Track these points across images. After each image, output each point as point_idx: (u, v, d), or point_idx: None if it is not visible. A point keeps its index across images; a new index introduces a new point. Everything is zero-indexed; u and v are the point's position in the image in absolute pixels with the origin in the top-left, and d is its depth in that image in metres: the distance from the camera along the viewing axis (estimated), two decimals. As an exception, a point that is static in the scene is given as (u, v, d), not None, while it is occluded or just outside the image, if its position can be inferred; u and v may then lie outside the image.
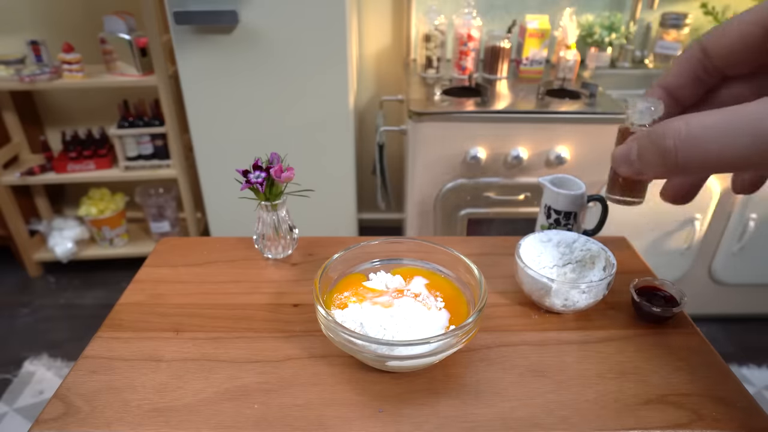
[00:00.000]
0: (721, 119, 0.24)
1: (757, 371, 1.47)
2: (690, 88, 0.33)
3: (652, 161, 0.28)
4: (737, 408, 0.42)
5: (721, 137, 0.24)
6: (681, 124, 0.26)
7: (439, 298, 0.48)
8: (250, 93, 1.35)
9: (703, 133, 0.25)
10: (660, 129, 0.27)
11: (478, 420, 0.41)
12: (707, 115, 0.25)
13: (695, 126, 0.25)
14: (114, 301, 0.54)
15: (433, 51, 1.52)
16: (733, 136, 0.24)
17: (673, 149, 0.26)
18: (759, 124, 0.23)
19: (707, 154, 0.25)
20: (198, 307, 0.53)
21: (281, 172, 0.55)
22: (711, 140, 0.25)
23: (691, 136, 0.25)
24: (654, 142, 0.27)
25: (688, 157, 0.26)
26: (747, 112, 0.24)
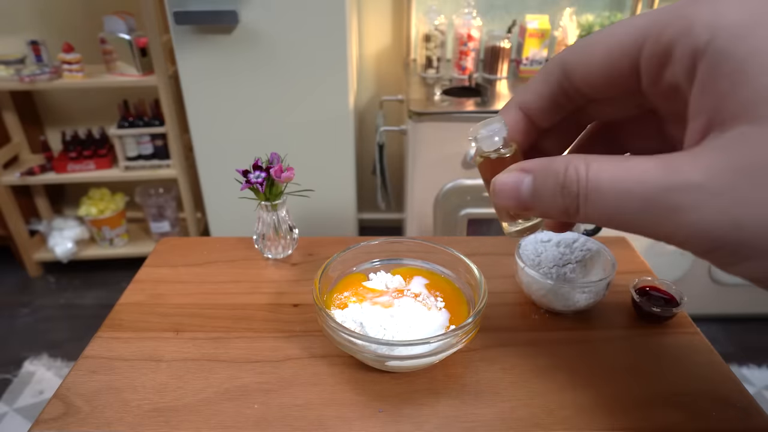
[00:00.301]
0: (616, 175, 0.21)
1: (757, 371, 1.47)
2: (549, 113, 0.29)
3: (550, 206, 0.24)
4: (737, 408, 0.42)
5: (615, 198, 0.21)
6: (581, 170, 0.22)
7: (439, 298, 0.48)
8: (250, 93, 1.35)
9: (605, 189, 0.22)
10: (559, 169, 0.23)
11: (478, 420, 0.41)
12: (606, 169, 0.22)
13: (597, 178, 0.22)
14: (114, 301, 0.54)
15: (433, 51, 1.52)
16: (624, 199, 0.21)
17: (576, 199, 0.23)
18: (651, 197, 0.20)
19: (606, 213, 0.22)
20: (198, 307, 0.53)
21: (281, 172, 0.55)
22: (608, 199, 0.22)
23: (595, 190, 0.22)
24: (555, 186, 0.23)
25: (589, 211, 0.22)
26: (639, 174, 0.21)
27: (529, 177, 0.25)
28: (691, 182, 0.19)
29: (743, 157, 0.19)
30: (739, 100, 0.19)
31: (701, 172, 0.19)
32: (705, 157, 0.19)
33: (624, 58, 0.23)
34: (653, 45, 0.22)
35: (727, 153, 0.19)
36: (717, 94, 0.20)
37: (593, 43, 0.25)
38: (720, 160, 0.19)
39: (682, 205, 0.19)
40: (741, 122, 0.19)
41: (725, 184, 0.19)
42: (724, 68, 0.19)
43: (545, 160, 0.25)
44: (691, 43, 0.20)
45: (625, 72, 0.24)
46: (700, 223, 0.19)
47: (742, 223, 0.19)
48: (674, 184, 0.20)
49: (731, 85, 0.19)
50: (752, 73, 0.19)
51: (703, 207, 0.19)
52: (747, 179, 0.18)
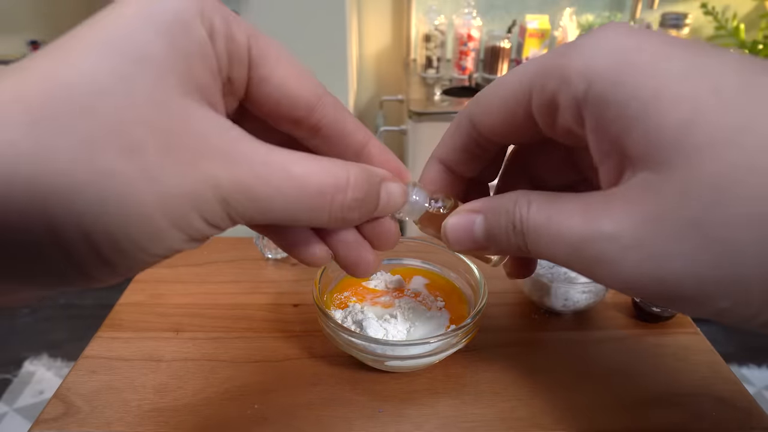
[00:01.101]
0: (548, 223, 0.21)
1: (757, 371, 1.47)
2: (467, 163, 0.28)
3: (506, 242, 0.24)
4: (737, 408, 0.42)
5: (549, 241, 0.21)
6: (523, 210, 0.22)
7: (439, 298, 0.48)
8: (250, 93, 1.35)
9: (537, 231, 0.22)
10: (507, 207, 0.23)
11: (478, 420, 0.41)
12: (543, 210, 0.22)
13: (531, 219, 0.22)
14: (114, 301, 0.54)
15: (433, 51, 1.52)
16: (556, 244, 0.21)
17: (523, 241, 0.23)
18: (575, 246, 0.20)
19: (546, 253, 0.22)
20: (198, 307, 0.53)
21: (281, 172, 0.55)
22: (543, 241, 0.22)
23: (530, 230, 0.22)
24: (509, 226, 0.23)
25: (534, 251, 0.22)
26: (563, 220, 0.21)
27: (480, 217, 0.25)
28: (605, 233, 0.19)
29: (646, 208, 0.18)
30: (636, 144, 0.18)
31: (613, 223, 0.19)
32: (615, 206, 0.19)
33: (518, 108, 0.23)
34: (539, 95, 0.22)
35: (633, 203, 0.18)
36: (611, 138, 0.19)
37: (492, 93, 0.25)
38: (627, 210, 0.19)
39: (602, 256, 0.19)
40: (643, 167, 0.18)
41: (634, 237, 0.18)
42: (608, 115, 0.19)
43: (492, 199, 0.25)
44: (571, 92, 0.20)
45: (522, 121, 0.24)
46: (623, 276, 0.19)
47: (660, 277, 0.18)
48: (590, 234, 0.19)
49: (621, 130, 0.19)
50: (635, 119, 0.18)
51: (621, 260, 0.19)
52: (652, 232, 0.18)
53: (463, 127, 0.27)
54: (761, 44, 1.53)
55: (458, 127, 0.28)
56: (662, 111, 0.17)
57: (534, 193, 0.23)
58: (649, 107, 0.18)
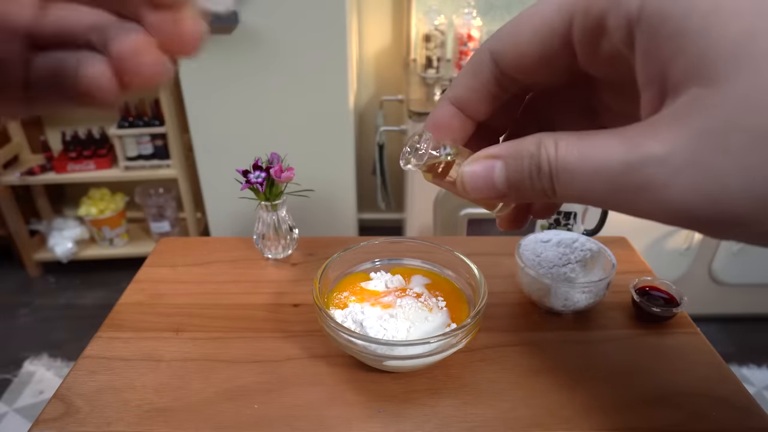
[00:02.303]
0: (583, 153, 0.20)
1: (757, 371, 1.47)
2: (483, 105, 0.27)
3: (530, 187, 0.22)
4: (737, 408, 0.42)
5: (586, 179, 0.20)
6: (551, 149, 0.21)
7: (440, 298, 0.48)
8: (250, 93, 1.35)
9: (573, 169, 0.20)
10: (530, 150, 0.22)
11: (478, 420, 0.41)
12: (573, 147, 0.20)
13: (566, 156, 0.21)
14: (114, 301, 0.54)
15: (433, 51, 1.52)
16: (595, 180, 0.20)
17: (549, 180, 0.21)
18: (617, 177, 0.19)
19: (577, 192, 0.21)
20: (198, 307, 0.53)
21: (281, 172, 0.55)
22: (578, 179, 0.20)
23: (564, 169, 0.21)
24: (533, 169, 0.22)
25: (564, 192, 0.21)
26: (602, 153, 0.19)
27: (500, 162, 0.23)
28: (653, 156, 0.18)
29: (701, 124, 0.17)
30: (686, 63, 0.18)
31: (661, 144, 0.18)
32: (663, 127, 0.18)
33: (554, 37, 0.22)
34: (583, 20, 0.21)
35: (685, 120, 0.18)
36: (662, 59, 0.18)
37: (519, 25, 0.23)
38: (678, 129, 0.18)
39: (649, 182, 0.18)
40: (692, 85, 0.17)
41: (689, 156, 0.17)
42: (662, 32, 0.18)
43: (512, 143, 0.23)
44: (623, 12, 0.19)
45: (557, 51, 0.22)
46: (672, 200, 0.18)
47: (716, 196, 0.17)
48: (637, 160, 0.18)
49: (674, 48, 0.18)
50: (693, 32, 0.17)
51: (672, 183, 0.18)
52: (710, 147, 0.17)
53: (482, 65, 0.25)
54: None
55: (477, 65, 0.26)
56: (723, 23, 0.17)
57: (558, 133, 0.21)
58: (709, 19, 0.17)
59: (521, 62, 0.24)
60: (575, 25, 0.21)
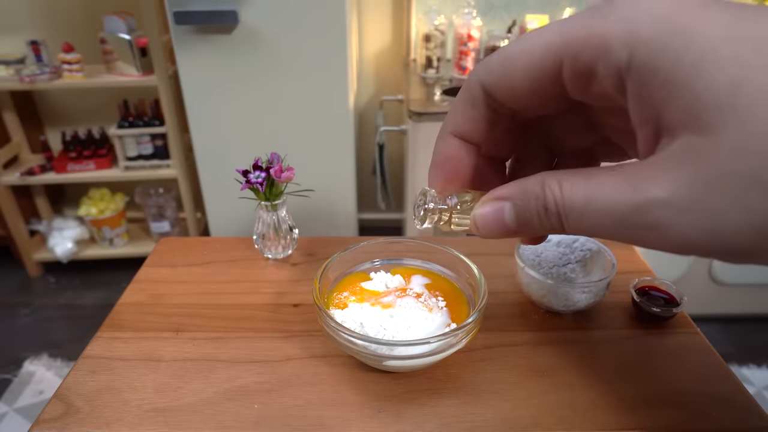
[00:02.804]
0: (588, 195, 0.21)
1: (757, 371, 1.47)
2: (484, 131, 0.28)
3: (539, 226, 0.24)
4: (737, 408, 0.42)
5: (591, 217, 0.21)
6: (556, 191, 0.22)
7: (440, 298, 0.48)
8: (250, 93, 1.35)
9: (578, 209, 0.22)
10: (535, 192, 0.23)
11: (478, 420, 0.41)
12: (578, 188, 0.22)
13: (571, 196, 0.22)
14: (114, 301, 0.54)
15: (433, 51, 1.52)
16: (600, 218, 0.21)
17: (557, 218, 0.23)
18: (624, 218, 0.20)
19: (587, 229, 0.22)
20: (198, 307, 0.53)
21: (281, 172, 0.55)
22: (584, 218, 0.22)
23: (570, 209, 0.22)
24: (540, 210, 0.23)
25: (573, 229, 0.23)
26: (612, 198, 0.21)
27: (508, 203, 0.25)
28: (658, 199, 0.19)
29: (699, 170, 0.19)
30: (679, 110, 0.19)
31: (664, 188, 0.19)
32: (663, 172, 0.19)
33: (544, 77, 0.23)
34: (572, 65, 0.22)
35: (683, 166, 0.19)
36: (655, 104, 0.20)
37: (509, 60, 0.24)
38: (678, 174, 0.19)
39: (656, 223, 0.19)
40: (686, 131, 0.19)
41: (690, 199, 0.19)
42: (653, 82, 0.19)
43: (517, 183, 0.24)
44: (612, 61, 0.20)
45: (548, 89, 0.23)
46: (679, 237, 0.19)
47: (718, 233, 0.19)
48: (642, 203, 0.20)
49: (666, 95, 0.19)
50: (683, 83, 0.18)
51: (676, 223, 0.19)
52: (708, 191, 0.18)
53: (478, 97, 0.26)
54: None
55: (472, 97, 0.27)
56: (709, 74, 0.18)
57: (559, 172, 0.23)
58: (696, 69, 0.18)
59: (513, 95, 0.25)
60: (565, 68, 0.22)
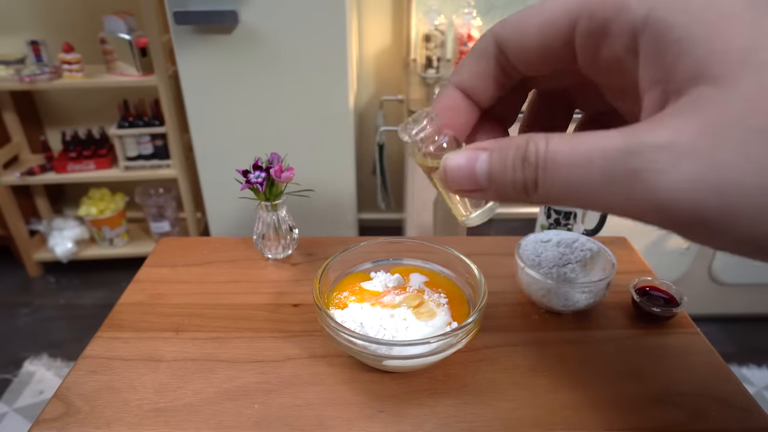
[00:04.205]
0: (575, 145, 0.20)
1: (757, 371, 1.47)
2: (488, 90, 0.27)
3: (509, 184, 0.22)
4: (737, 408, 0.42)
5: (576, 171, 0.20)
6: (541, 144, 0.21)
7: (442, 294, 0.48)
8: (250, 93, 1.35)
9: (563, 162, 0.20)
10: (518, 144, 0.22)
11: (478, 420, 0.41)
12: (566, 141, 0.21)
13: (555, 150, 0.21)
14: (114, 301, 0.54)
15: (433, 51, 1.52)
16: (586, 171, 0.20)
17: (534, 173, 0.21)
18: (613, 164, 0.19)
19: (566, 188, 0.20)
20: (198, 307, 0.53)
21: (281, 172, 0.55)
22: (568, 173, 0.20)
23: (552, 162, 0.21)
24: (517, 161, 0.22)
25: (548, 186, 0.21)
26: (600, 146, 0.19)
27: (485, 154, 0.23)
28: (659, 142, 0.18)
29: (708, 118, 0.17)
30: (693, 63, 0.18)
31: (668, 131, 0.18)
32: (670, 119, 0.18)
33: (557, 36, 0.22)
34: (587, 23, 0.21)
35: (691, 114, 0.18)
36: (666, 63, 0.19)
37: (525, 19, 0.24)
38: (684, 121, 0.18)
39: (648, 166, 0.18)
40: (698, 84, 0.18)
41: (693, 146, 0.17)
42: (668, 38, 0.19)
43: (502, 139, 0.23)
44: (628, 20, 0.20)
45: (559, 50, 0.23)
46: (670, 189, 0.17)
47: (721, 186, 0.17)
48: (638, 145, 0.18)
49: (679, 52, 0.18)
50: (700, 38, 0.18)
51: (672, 170, 0.17)
52: (716, 141, 0.17)
53: (488, 51, 0.26)
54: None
55: (483, 51, 0.26)
56: (728, 33, 0.18)
57: (550, 134, 0.21)
58: (715, 28, 0.18)
59: (523, 55, 0.24)
60: (578, 28, 0.22)
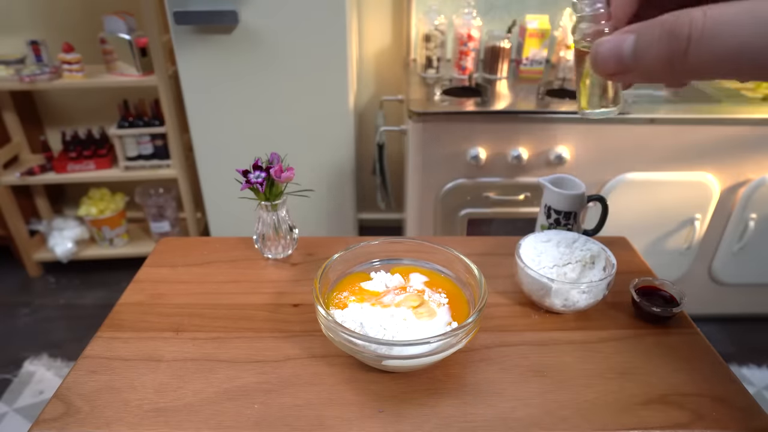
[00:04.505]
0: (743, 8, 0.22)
1: (757, 371, 1.47)
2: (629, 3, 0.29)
3: (654, 57, 0.24)
4: (737, 408, 0.42)
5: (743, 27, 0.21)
6: (699, 14, 0.22)
7: (443, 294, 0.48)
8: (250, 93, 1.35)
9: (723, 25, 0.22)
10: (672, 18, 0.23)
11: (478, 420, 0.41)
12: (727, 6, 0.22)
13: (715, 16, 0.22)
14: (114, 301, 0.54)
15: (433, 51, 1.52)
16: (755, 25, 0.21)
17: (685, 44, 0.22)
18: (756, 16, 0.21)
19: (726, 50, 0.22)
20: (198, 307, 0.53)
21: (281, 172, 0.55)
22: (731, 33, 0.22)
23: (708, 28, 0.22)
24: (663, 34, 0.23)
25: (702, 54, 0.22)
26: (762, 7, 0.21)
27: (633, 36, 0.25)
28: None
29: None
30: None
31: None
32: None
33: None
34: None
35: None
36: None
37: None
38: None
39: None
40: None
41: None
42: None
43: (648, 21, 0.24)
44: None
45: None
46: None
47: None
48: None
49: None
50: None
51: None
52: None
53: None
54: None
55: None
56: None
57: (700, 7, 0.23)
58: None
59: None
60: None
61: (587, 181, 0.69)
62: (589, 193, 0.64)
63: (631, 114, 1.24)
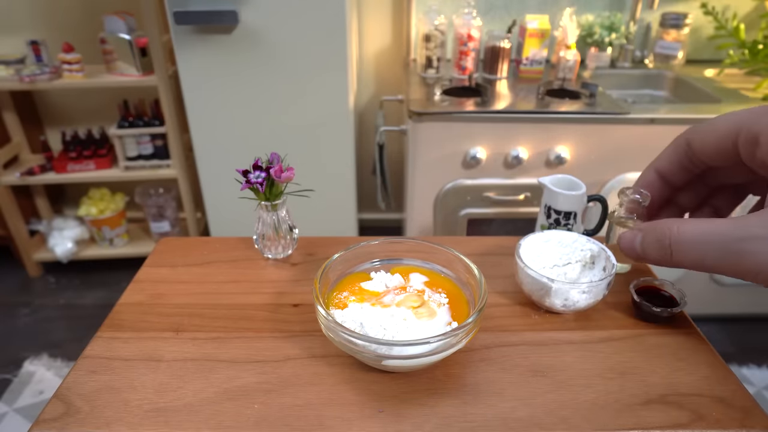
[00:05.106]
0: (699, 232, 0.31)
1: (757, 371, 1.47)
2: (678, 174, 0.40)
3: (653, 255, 0.34)
4: (737, 408, 0.42)
5: (698, 247, 0.31)
6: (674, 228, 0.32)
7: (443, 294, 0.48)
8: (250, 93, 1.35)
9: (685, 243, 0.31)
10: (659, 228, 0.33)
11: (478, 420, 0.41)
12: (690, 225, 0.31)
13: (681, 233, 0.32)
14: (114, 301, 0.54)
15: (433, 51, 1.52)
16: (705, 248, 0.30)
17: (668, 249, 0.32)
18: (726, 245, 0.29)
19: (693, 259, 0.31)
20: (198, 307, 0.53)
21: (281, 172, 0.55)
22: (692, 248, 0.31)
23: (678, 242, 0.32)
24: (654, 240, 0.34)
25: (681, 259, 0.32)
26: (719, 231, 0.30)
27: (640, 234, 0.35)
28: (754, 234, 0.29)
29: None
30: None
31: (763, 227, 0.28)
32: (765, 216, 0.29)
33: (728, 139, 0.34)
34: (746, 134, 0.32)
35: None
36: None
37: (710, 127, 0.36)
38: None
39: (748, 250, 0.29)
40: None
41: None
42: None
43: (653, 222, 0.35)
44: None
45: (729, 149, 0.34)
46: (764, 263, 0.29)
47: None
48: (741, 235, 0.29)
49: None
50: None
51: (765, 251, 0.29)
52: None
53: (680, 146, 0.38)
54: (761, 44, 1.53)
55: (677, 146, 0.39)
56: None
57: (683, 219, 0.33)
58: None
59: (705, 149, 0.37)
60: (740, 136, 0.33)
61: (587, 181, 0.69)
62: (589, 193, 0.64)
63: (631, 114, 1.24)
